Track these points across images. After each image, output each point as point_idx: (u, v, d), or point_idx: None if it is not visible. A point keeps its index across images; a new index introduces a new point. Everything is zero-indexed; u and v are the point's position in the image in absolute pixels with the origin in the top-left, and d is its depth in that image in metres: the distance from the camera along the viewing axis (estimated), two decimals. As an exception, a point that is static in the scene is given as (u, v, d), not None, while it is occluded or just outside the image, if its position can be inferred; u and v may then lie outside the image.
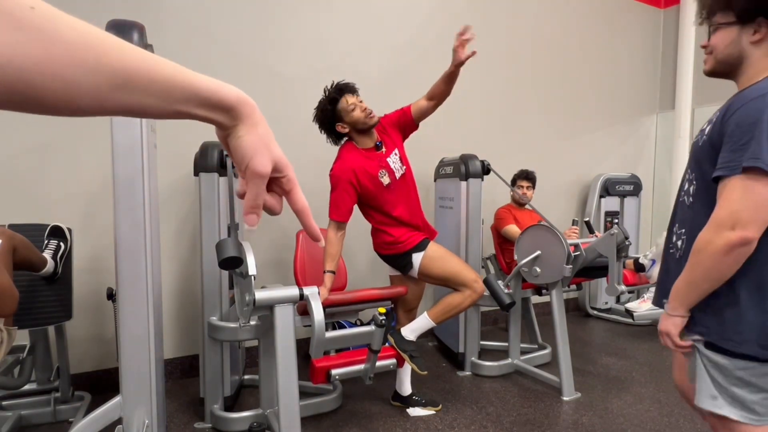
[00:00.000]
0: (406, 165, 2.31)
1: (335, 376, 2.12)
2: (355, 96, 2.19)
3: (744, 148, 1.00)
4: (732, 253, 1.01)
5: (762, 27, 1.07)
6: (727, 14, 1.11)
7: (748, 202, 1.00)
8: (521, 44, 4.03)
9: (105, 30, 0.38)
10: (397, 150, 2.29)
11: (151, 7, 2.67)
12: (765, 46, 1.08)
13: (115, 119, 1.51)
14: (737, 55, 1.12)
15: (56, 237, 2.16)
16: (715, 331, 1.06)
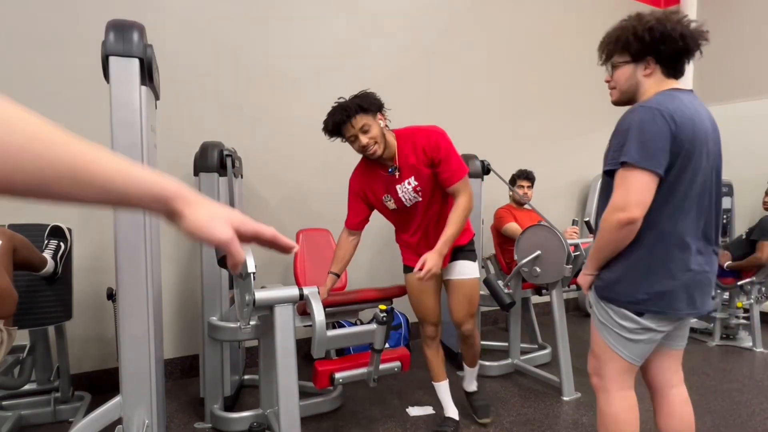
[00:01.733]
0: (424, 197, 2.00)
1: (339, 380, 2.12)
2: (354, 126, 1.89)
3: (621, 148, 1.35)
4: (622, 230, 1.35)
5: (650, 63, 1.42)
6: (624, 55, 1.46)
7: (629, 189, 1.32)
8: (521, 44, 4.03)
9: (105, 30, 0.39)
10: (413, 179, 1.98)
11: (151, 7, 2.67)
12: (653, 78, 1.43)
13: (116, 120, 1.51)
14: (635, 86, 1.48)
15: (56, 237, 2.16)
16: (602, 287, 1.48)
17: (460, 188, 1.95)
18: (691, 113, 1.35)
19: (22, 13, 2.39)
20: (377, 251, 3.45)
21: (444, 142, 1.93)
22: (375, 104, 1.93)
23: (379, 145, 1.92)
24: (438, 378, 2.25)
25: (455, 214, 1.93)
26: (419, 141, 1.94)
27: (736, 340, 3.54)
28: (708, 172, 1.40)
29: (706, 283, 1.43)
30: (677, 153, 1.32)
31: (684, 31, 1.37)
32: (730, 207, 4.62)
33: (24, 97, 2.41)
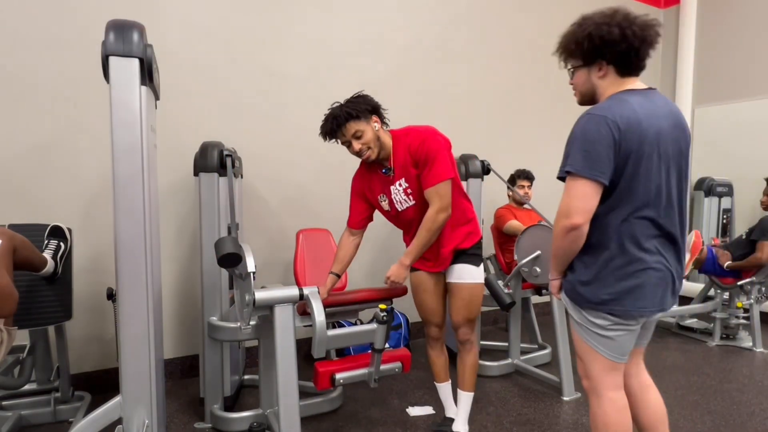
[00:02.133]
0: (417, 200, 1.95)
1: (340, 380, 2.12)
2: (346, 134, 1.90)
3: (567, 157, 1.41)
4: (568, 236, 1.40)
5: (603, 66, 1.46)
6: (577, 60, 1.53)
7: (572, 197, 1.37)
8: (521, 44, 4.03)
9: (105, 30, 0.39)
10: (403, 180, 1.95)
11: (151, 7, 2.67)
12: (608, 79, 1.47)
13: (116, 120, 1.51)
14: (592, 88, 1.53)
15: (56, 237, 2.16)
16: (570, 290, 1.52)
17: (430, 195, 1.87)
18: (639, 117, 1.36)
19: (22, 13, 2.39)
20: (377, 251, 3.45)
21: (432, 143, 1.86)
22: (367, 109, 1.90)
23: (372, 150, 1.92)
24: (440, 379, 2.23)
25: (420, 227, 1.89)
26: (409, 141, 1.91)
27: (736, 340, 3.54)
28: (664, 172, 1.40)
29: (669, 281, 1.45)
30: (625, 158, 1.35)
31: (625, 31, 1.38)
32: (730, 207, 4.62)
33: (24, 97, 2.42)
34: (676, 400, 2.58)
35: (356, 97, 1.94)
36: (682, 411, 2.46)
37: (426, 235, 1.89)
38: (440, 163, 1.85)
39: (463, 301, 2.05)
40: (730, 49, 4.48)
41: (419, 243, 1.90)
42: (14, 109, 2.41)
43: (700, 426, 2.31)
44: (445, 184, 1.86)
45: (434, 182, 1.85)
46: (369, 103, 1.92)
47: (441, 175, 1.85)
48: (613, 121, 1.34)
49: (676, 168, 1.44)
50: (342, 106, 1.91)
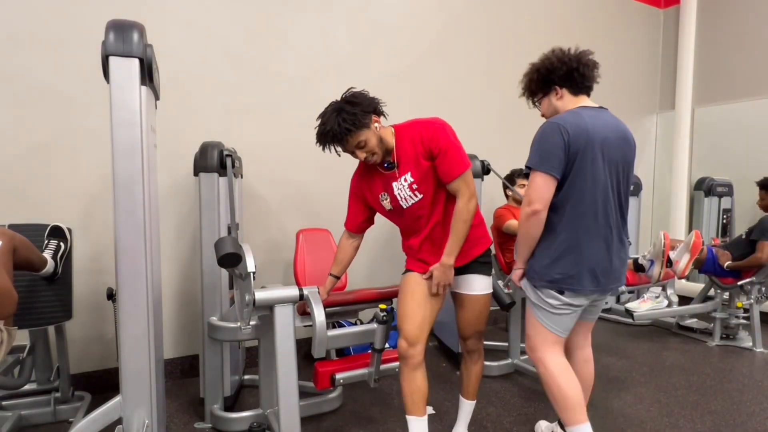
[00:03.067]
0: (426, 195, 1.82)
1: (339, 380, 2.12)
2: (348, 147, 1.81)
3: (530, 155, 1.72)
4: (530, 221, 1.70)
5: (558, 90, 1.80)
6: (538, 93, 1.88)
7: (532, 188, 1.69)
8: (521, 44, 4.03)
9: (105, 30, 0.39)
10: (409, 175, 1.81)
11: (151, 7, 2.67)
12: (565, 99, 1.81)
13: (116, 120, 1.51)
14: (554, 109, 1.83)
15: (56, 237, 2.16)
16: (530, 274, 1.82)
17: (459, 186, 1.76)
18: (587, 126, 1.67)
19: (22, 13, 2.39)
20: (377, 251, 3.45)
21: (444, 133, 1.77)
22: (366, 112, 1.75)
23: (377, 154, 1.81)
24: (410, 411, 1.82)
25: (453, 221, 1.79)
26: (419, 132, 1.79)
27: (736, 340, 3.54)
28: (608, 174, 1.70)
29: (608, 266, 1.73)
30: (573, 157, 1.66)
31: (561, 57, 1.77)
32: (730, 207, 4.62)
33: (24, 97, 2.42)
34: (676, 400, 2.58)
35: (352, 99, 1.77)
36: (682, 411, 2.46)
37: (463, 227, 1.77)
38: (456, 152, 1.76)
39: (474, 314, 1.94)
40: (730, 49, 4.48)
41: (456, 237, 1.78)
42: (14, 109, 2.41)
43: (700, 426, 2.31)
44: (468, 172, 1.77)
45: (459, 171, 1.75)
46: (367, 104, 1.77)
47: (464, 164, 1.76)
48: (564, 127, 1.66)
49: (617, 171, 1.73)
50: (338, 117, 1.73)
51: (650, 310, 3.50)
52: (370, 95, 1.82)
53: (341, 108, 1.74)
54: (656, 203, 4.99)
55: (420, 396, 1.81)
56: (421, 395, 1.81)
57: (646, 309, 3.50)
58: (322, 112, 1.80)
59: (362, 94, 1.81)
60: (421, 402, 1.81)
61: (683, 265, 3.24)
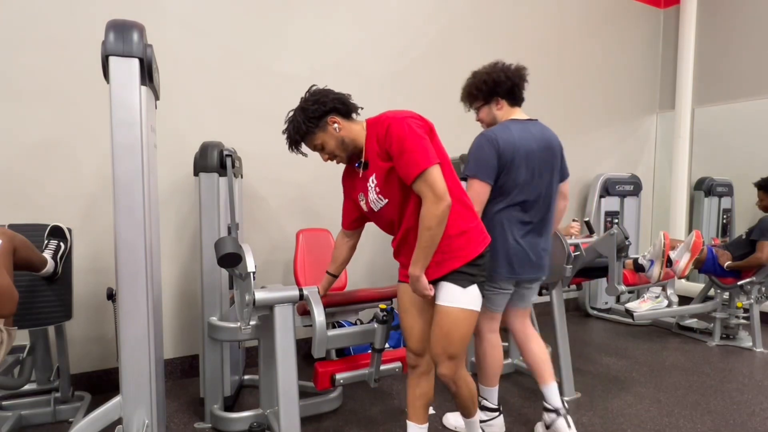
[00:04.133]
0: (391, 199, 1.67)
1: (339, 381, 2.12)
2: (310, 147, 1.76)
3: (468, 164, 1.97)
4: None
5: (499, 101, 2.08)
6: (479, 101, 2.11)
7: (470, 191, 1.90)
8: (521, 44, 4.03)
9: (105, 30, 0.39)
10: (374, 177, 1.67)
11: (151, 7, 2.67)
12: (504, 110, 2.09)
13: (116, 120, 1.51)
14: (493, 118, 2.10)
15: (56, 237, 2.16)
16: None
17: (420, 188, 1.54)
18: (515, 139, 1.95)
19: (22, 13, 2.39)
20: (377, 251, 3.45)
21: (397, 130, 1.55)
22: (317, 116, 1.66)
23: (340, 156, 1.73)
24: (412, 417, 1.79)
25: (419, 227, 1.57)
26: (377, 130, 1.64)
27: (736, 340, 3.54)
28: (529, 176, 1.97)
29: (534, 257, 2.01)
30: (503, 165, 1.93)
31: (507, 73, 2.05)
32: (730, 207, 4.62)
33: (24, 97, 2.42)
34: (676, 400, 2.58)
35: (303, 105, 1.69)
36: (682, 411, 2.46)
37: (427, 235, 1.55)
38: (418, 149, 1.53)
39: (439, 329, 1.66)
40: (730, 49, 4.48)
41: (421, 246, 1.57)
42: (14, 109, 2.41)
43: (700, 426, 2.31)
44: (430, 171, 1.52)
45: (415, 172, 1.52)
46: (320, 106, 1.66)
47: (420, 163, 1.51)
48: (495, 139, 1.93)
49: (542, 175, 2.02)
50: (290, 124, 1.70)
51: (650, 310, 3.50)
52: (332, 93, 1.70)
53: (294, 114, 1.71)
54: (656, 203, 4.99)
55: (422, 402, 1.78)
56: (424, 402, 1.79)
57: (646, 309, 3.50)
58: None
59: (319, 94, 1.69)
60: (423, 409, 1.79)
61: (683, 264, 3.24)
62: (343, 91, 1.76)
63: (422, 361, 1.78)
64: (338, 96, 1.71)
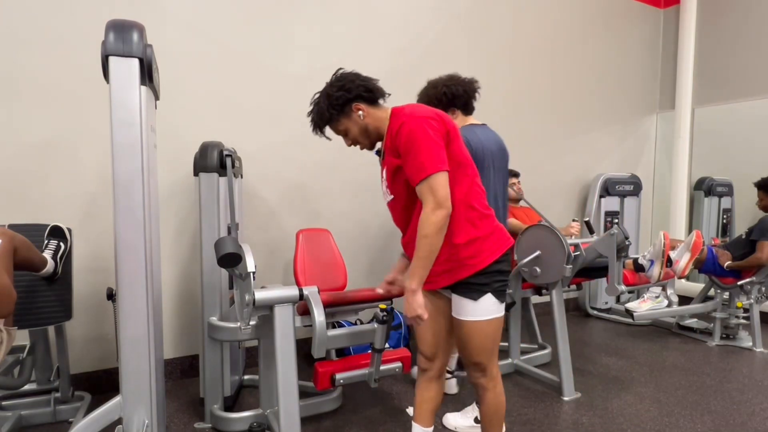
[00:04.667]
0: (397, 196, 1.63)
1: (339, 381, 2.12)
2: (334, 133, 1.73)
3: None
4: None
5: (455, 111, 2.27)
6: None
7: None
8: (521, 44, 4.03)
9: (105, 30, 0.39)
10: (386, 170, 1.65)
11: (151, 7, 2.67)
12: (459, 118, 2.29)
13: (116, 120, 1.51)
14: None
15: (56, 237, 2.16)
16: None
17: (422, 192, 1.48)
18: (482, 140, 2.16)
19: (22, 13, 2.39)
20: (377, 251, 3.45)
21: (409, 128, 1.49)
22: (340, 104, 1.61)
23: (363, 143, 1.68)
24: (417, 419, 1.76)
25: (417, 235, 1.49)
26: (393, 123, 1.57)
27: (736, 340, 3.54)
28: (493, 176, 2.19)
29: None
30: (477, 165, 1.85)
31: (464, 87, 2.20)
32: (730, 207, 4.62)
33: (24, 97, 2.42)
34: (676, 400, 2.58)
35: (328, 90, 1.65)
36: (682, 411, 2.46)
37: (424, 243, 1.47)
38: (426, 152, 1.46)
39: (458, 340, 1.66)
40: (730, 49, 4.48)
41: (418, 256, 1.49)
42: (14, 108, 2.41)
43: (700, 426, 2.31)
44: (436, 176, 1.46)
45: (420, 176, 1.47)
46: (345, 93, 1.61)
47: (427, 167, 1.46)
48: (468, 141, 2.03)
49: (497, 175, 2.20)
50: (315, 108, 1.68)
51: (650, 310, 3.50)
52: (359, 79, 1.63)
53: (319, 99, 1.67)
54: (656, 203, 4.99)
55: (430, 406, 1.75)
56: (432, 406, 1.75)
57: (646, 309, 3.50)
58: None
59: (344, 80, 1.62)
60: (430, 413, 1.75)
61: (683, 264, 3.24)
62: None
63: (433, 366, 1.73)
64: (365, 82, 1.63)
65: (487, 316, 1.59)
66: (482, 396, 1.71)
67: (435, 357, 1.72)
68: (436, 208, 1.46)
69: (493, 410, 1.72)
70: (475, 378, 1.70)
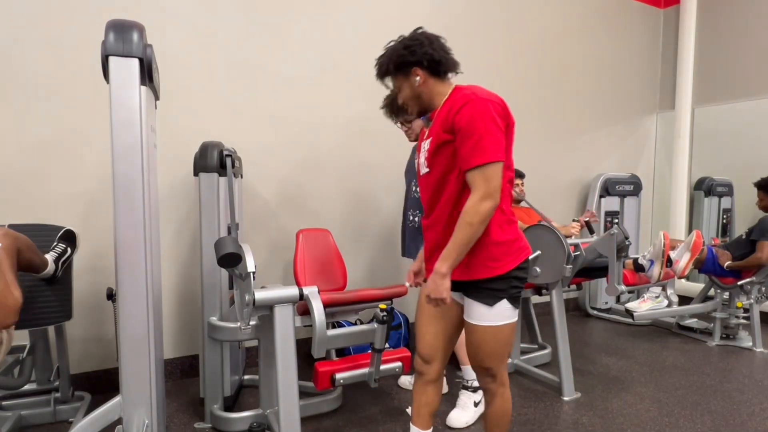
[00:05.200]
0: (432, 170, 1.58)
1: (340, 381, 2.12)
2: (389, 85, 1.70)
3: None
4: None
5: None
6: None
7: None
8: (520, 44, 4.03)
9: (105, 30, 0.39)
10: (429, 142, 1.59)
11: (151, 7, 2.67)
12: None
13: (116, 120, 1.51)
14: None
15: (66, 241, 2.17)
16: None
17: (474, 178, 1.44)
18: None
19: (22, 13, 2.39)
20: (377, 251, 3.45)
21: (473, 109, 1.45)
22: (404, 62, 1.57)
23: (411, 107, 1.64)
24: (415, 422, 1.74)
25: (460, 220, 1.45)
26: (454, 100, 1.54)
27: (736, 340, 3.54)
28: None
29: None
30: None
31: None
32: (730, 207, 4.62)
33: (24, 97, 2.42)
34: (676, 400, 2.58)
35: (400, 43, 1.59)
36: (682, 411, 2.46)
37: (467, 230, 1.43)
38: (487, 138, 1.42)
39: (469, 344, 1.63)
40: (730, 49, 4.48)
41: (456, 242, 1.45)
42: (14, 109, 2.41)
43: (700, 426, 2.31)
44: (493, 165, 1.42)
45: (477, 161, 1.42)
46: (408, 55, 1.56)
47: (486, 154, 1.41)
48: None
49: None
50: (383, 56, 1.62)
51: (650, 310, 3.50)
52: (428, 46, 1.58)
53: (390, 49, 1.61)
54: (656, 203, 4.99)
55: (427, 410, 1.72)
56: (429, 409, 1.72)
57: (646, 309, 3.50)
58: None
59: (414, 42, 1.57)
60: (428, 416, 1.73)
61: (683, 264, 3.24)
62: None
63: (430, 369, 1.69)
64: (433, 51, 1.58)
65: (501, 321, 1.55)
66: (490, 401, 1.68)
67: (432, 360, 1.68)
68: (485, 198, 1.42)
69: (500, 415, 1.69)
70: (484, 383, 1.67)
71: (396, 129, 2.64)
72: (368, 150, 3.34)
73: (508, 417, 1.71)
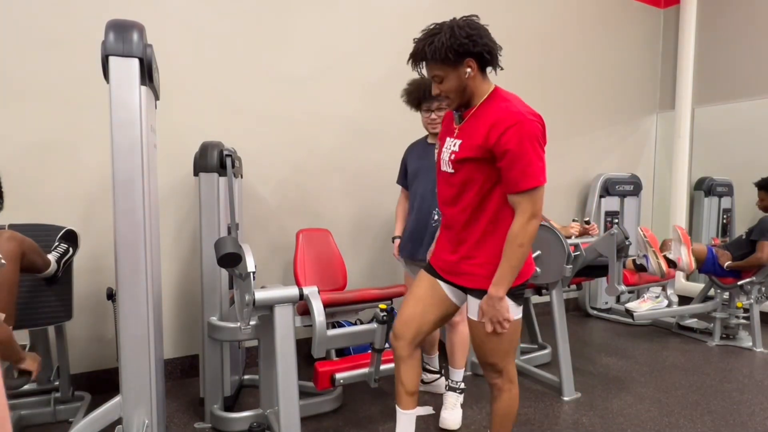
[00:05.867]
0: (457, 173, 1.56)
1: (339, 380, 2.12)
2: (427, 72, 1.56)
3: None
4: None
5: None
6: None
7: None
8: (521, 44, 4.03)
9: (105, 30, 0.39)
10: (459, 143, 1.56)
11: (151, 7, 2.67)
12: None
13: (116, 120, 1.51)
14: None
15: (68, 241, 2.17)
16: None
17: (521, 202, 1.47)
18: None
19: (22, 12, 2.39)
20: (377, 251, 3.45)
21: (519, 132, 1.42)
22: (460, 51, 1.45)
23: (451, 99, 1.55)
24: (398, 401, 1.80)
25: (507, 244, 1.49)
26: (497, 114, 1.47)
27: (736, 340, 3.54)
28: None
29: None
30: None
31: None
32: (730, 207, 4.62)
33: (24, 97, 2.42)
34: (676, 400, 2.58)
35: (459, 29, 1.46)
36: (682, 411, 2.46)
37: (518, 252, 1.47)
38: (535, 162, 1.44)
39: (473, 341, 1.68)
40: (730, 49, 4.48)
41: (510, 264, 1.49)
42: (14, 109, 2.41)
43: (700, 426, 2.31)
44: (541, 189, 1.47)
45: (529, 185, 1.44)
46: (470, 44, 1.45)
47: (536, 179, 1.44)
48: None
49: None
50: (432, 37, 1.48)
51: (650, 310, 3.50)
52: (488, 36, 1.49)
53: (441, 32, 1.47)
54: (656, 203, 4.99)
55: (402, 389, 1.77)
56: (404, 389, 1.77)
57: (646, 309, 3.51)
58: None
59: (475, 30, 1.47)
60: (404, 395, 1.78)
61: (686, 258, 3.25)
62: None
63: (397, 345, 1.73)
64: (490, 45, 1.49)
65: None
66: (496, 397, 1.70)
67: (401, 336, 1.72)
68: (532, 218, 1.47)
69: (505, 412, 1.70)
70: (491, 378, 1.69)
71: (396, 129, 2.64)
72: (368, 150, 3.34)
73: (514, 414, 1.71)
